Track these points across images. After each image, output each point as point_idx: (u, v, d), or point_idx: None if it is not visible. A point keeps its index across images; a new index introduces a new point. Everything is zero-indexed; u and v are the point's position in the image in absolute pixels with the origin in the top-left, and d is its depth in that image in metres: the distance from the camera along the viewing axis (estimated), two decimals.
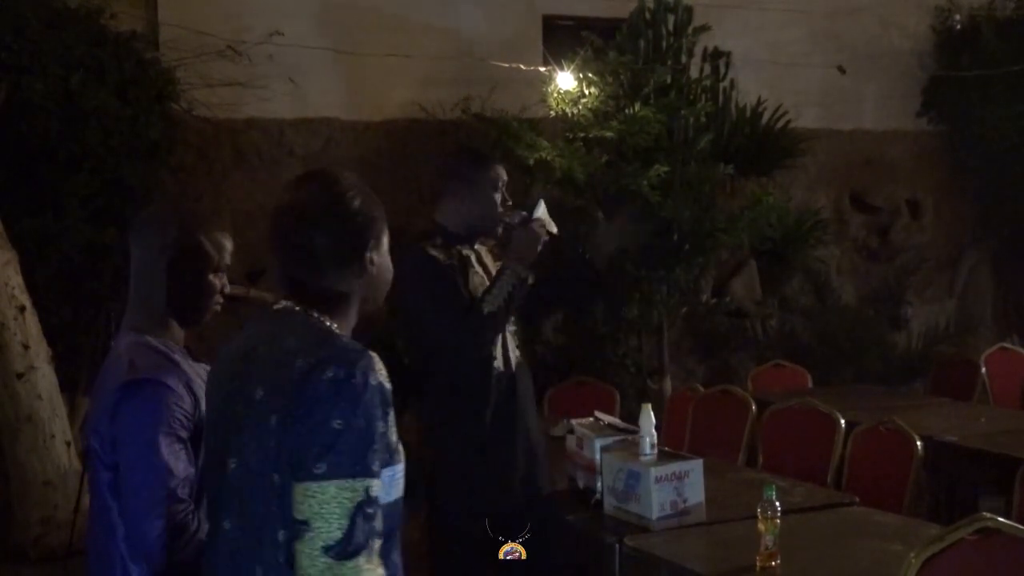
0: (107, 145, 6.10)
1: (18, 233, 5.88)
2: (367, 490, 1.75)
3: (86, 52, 6.13)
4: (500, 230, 3.48)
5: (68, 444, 5.81)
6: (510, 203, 3.51)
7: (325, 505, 1.73)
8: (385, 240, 2.01)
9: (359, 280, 1.96)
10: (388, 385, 1.83)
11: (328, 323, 1.92)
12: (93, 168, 6.11)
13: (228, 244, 2.40)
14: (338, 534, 1.72)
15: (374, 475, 1.77)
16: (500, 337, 3.42)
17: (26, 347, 5.72)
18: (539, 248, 3.38)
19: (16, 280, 5.74)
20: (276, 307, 1.97)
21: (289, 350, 1.84)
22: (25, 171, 6.05)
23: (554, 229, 3.46)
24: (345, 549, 1.73)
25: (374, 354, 1.84)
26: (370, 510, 1.75)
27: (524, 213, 3.44)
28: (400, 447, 1.91)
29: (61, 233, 6.06)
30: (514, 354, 3.48)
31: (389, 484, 1.85)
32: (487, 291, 3.34)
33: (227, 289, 2.41)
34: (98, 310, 6.19)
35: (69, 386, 6.07)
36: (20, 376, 5.71)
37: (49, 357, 5.85)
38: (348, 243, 1.94)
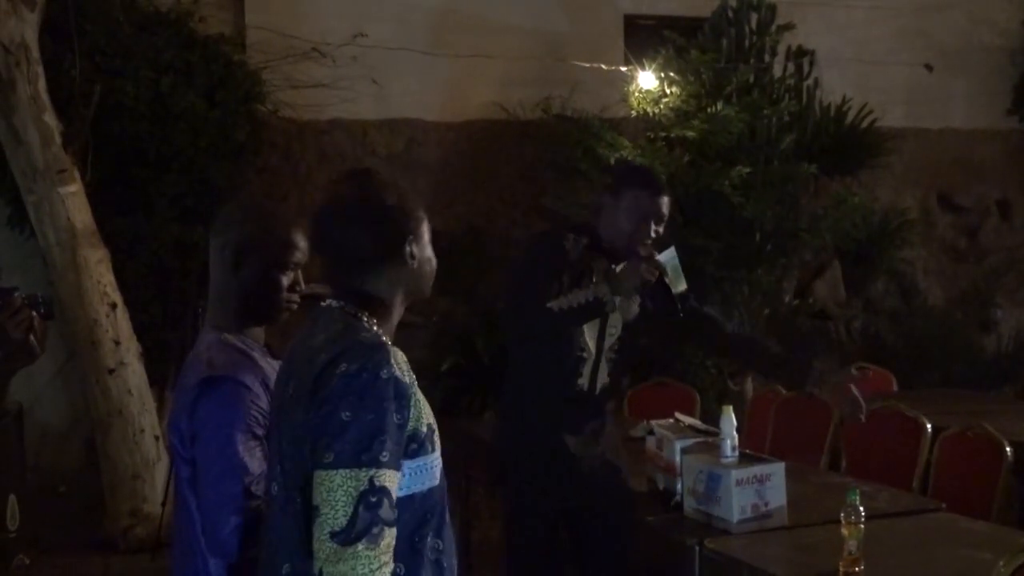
0: (195, 146, 6.23)
1: (110, 232, 6.04)
2: (371, 479, 1.82)
3: (176, 55, 6.26)
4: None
5: (157, 438, 5.94)
6: (659, 232, 3.34)
7: (332, 492, 1.82)
8: (426, 235, 2.08)
9: (400, 275, 2.04)
10: (406, 378, 1.90)
11: (366, 319, 1.99)
12: (182, 168, 6.24)
13: (301, 242, 2.37)
14: (343, 520, 1.80)
15: (381, 465, 1.83)
16: (592, 359, 3.37)
17: (117, 343, 5.87)
18: (636, 287, 3.22)
19: (108, 278, 5.89)
20: (322, 304, 2.05)
21: (315, 346, 1.94)
22: (117, 171, 6.20)
23: (682, 286, 3.31)
24: (348, 535, 1.80)
25: (393, 348, 1.93)
26: (374, 498, 1.82)
27: (659, 255, 3.27)
28: (435, 437, 1.97)
29: (151, 232, 6.21)
30: (602, 380, 3.41)
31: (419, 473, 1.93)
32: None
33: (301, 287, 2.40)
34: (186, 307, 6.32)
35: (158, 381, 6.22)
36: (111, 371, 5.85)
37: (139, 353, 6.00)
38: (386, 239, 2.01)
